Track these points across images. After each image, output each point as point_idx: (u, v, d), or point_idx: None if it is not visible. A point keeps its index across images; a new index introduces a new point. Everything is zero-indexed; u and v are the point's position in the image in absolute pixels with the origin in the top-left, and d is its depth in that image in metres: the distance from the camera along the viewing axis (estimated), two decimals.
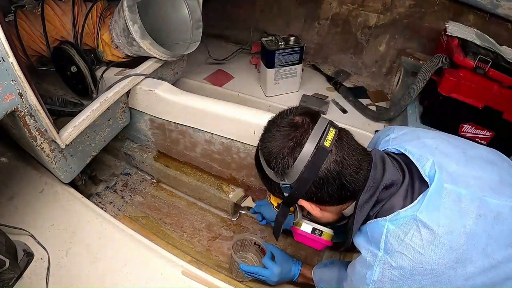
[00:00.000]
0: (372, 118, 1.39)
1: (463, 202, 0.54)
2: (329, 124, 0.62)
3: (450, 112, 1.11)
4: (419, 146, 0.64)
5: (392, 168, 0.62)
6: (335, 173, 0.59)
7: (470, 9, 1.32)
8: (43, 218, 0.99)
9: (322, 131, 0.60)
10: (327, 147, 0.58)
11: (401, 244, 0.54)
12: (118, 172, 1.41)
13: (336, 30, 1.66)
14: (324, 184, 0.60)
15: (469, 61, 1.01)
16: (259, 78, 1.56)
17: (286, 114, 0.64)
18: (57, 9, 1.17)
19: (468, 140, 0.72)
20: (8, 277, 0.82)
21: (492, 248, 0.53)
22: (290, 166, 0.59)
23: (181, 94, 1.14)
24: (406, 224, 0.55)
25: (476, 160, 0.63)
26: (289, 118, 0.63)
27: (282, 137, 0.61)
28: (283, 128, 0.62)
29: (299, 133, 0.60)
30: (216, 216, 1.28)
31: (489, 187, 0.57)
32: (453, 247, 0.52)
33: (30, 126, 0.83)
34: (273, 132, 0.63)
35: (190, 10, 1.24)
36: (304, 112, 0.64)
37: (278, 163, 0.61)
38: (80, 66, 1.16)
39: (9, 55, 0.70)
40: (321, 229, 0.75)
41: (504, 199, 0.56)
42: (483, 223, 0.53)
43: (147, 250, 0.92)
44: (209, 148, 1.18)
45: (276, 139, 0.61)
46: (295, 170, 0.59)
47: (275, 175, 0.62)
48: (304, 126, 0.60)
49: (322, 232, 0.75)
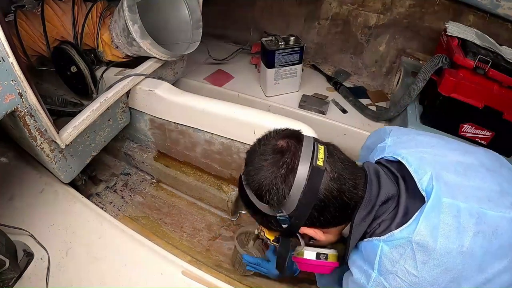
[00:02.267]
0: (372, 118, 1.39)
1: (462, 217, 0.52)
2: (315, 142, 0.59)
3: (450, 112, 1.11)
4: (417, 156, 0.61)
5: (388, 182, 0.60)
6: (335, 191, 0.56)
7: (470, 9, 1.32)
8: (43, 218, 0.99)
9: (312, 150, 0.57)
10: (321, 166, 0.55)
11: (395, 266, 0.53)
12: (118, 172, 1.41)
13: (336, 30, 1.66)
14: (325, 206, 0.57)
15: (469, 61, 1.01)
16: (259, 78, 1.56)
17: (267, 141, 0.60)
18: (57, 9, 1.17)
19: (466, 144, 0.70)
20: (8, 277, 0.82)
21: (488, 262, 0.52)
22: (286, 196, 0.55)
23: (181, 94, 1.14)
24: (401, 245, 0.53)
25: (475, 168, 0.60)
26: (272, 144, 0.58)
27: (271, 165, 0.56)
28: (269, 156, 0.57)
29: (288, 157, 0.56)
30: (216, 216, 1.28)
31: (488, 199, 0.55)
32: (449, 268, 0.51)
33: (30, 126, 0.83)
34: (259, 162, 0.57)
35: (190, 10, 1.24)
36: (285, 135, 0.60)
37: (273, 195, 0.56)
38: (80, 66, 1.16)
39: (9, 55, 0.70)
40: (325, 252, 0.70)
41: (503, 210, 0.55)
42: (480, 240, 0.52)
43: (147, 250, 0.92)
44: (209, 148, 1.18)
45: (264, 169, 0.56)
46: (292, 198, 0.55)
47: (270, 208, 0.58)
48: (291, 150, 0.57)
49: (327, 255, 0.70)
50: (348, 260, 0.64)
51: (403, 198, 0.57)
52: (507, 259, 0.52)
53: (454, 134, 1.12)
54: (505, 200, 0.56)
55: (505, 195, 0.57)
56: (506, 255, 0.52)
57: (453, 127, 1.12)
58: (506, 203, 0.56)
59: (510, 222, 0.53)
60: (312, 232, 0.61)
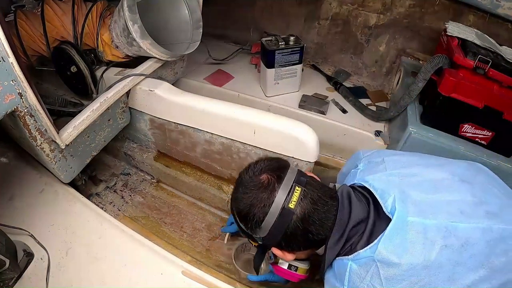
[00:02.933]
0: (372, 118, 1.39)
1: (428, 233, 0.55)
2: (294, 183, 0.64)
3: (450, 112, 1.11)
4: (384, 180, 0.66)
5: (358, 204, 0.65)
6: (300, 230, 0.64)
7: (470, 9, 1.32)
8: (43, 218, 0.99)
9: (288, 190, 0.63)
10: (292, 209, 0.62)
11: (363, 282, 0.57)
12: (118, 172, 1.41)
13: (336, 30, 1.66)
14: (292, 239, 0.65)
15: (469, 61, 1.01)
16: (259, 78, 1.56)
17: (253, 173, 0.67)
18: (57, 9, 1.17)
19: (444, 158, 0.74)
20: (8, 277, 0.82)
21: (460, 274, 0.53)
22: (259, 225, 0.64)
23: (181, 94, 1.14)
24: (366, 263, 0.58)
25: (448, 183, 0.64)
26: (256, 178, 0.66)
27: (251, 199, 0.65)
28: (250, 191, 0.65)
29: (266, 195, 0.63)
30: (216, 216, 1.28)
31: (460, 211, 0.58)
32: (414, 281, 0.53)
33: (30, 126, 0.83)
34: (242, 193, 0.66)
35: (190, 10, 1.24)
36: (271, 169, 0.67)
37: (248, 221, 0.65)
38: (80, 66, 1.16)
39: (9, 55, 0.70)
40: (296, 265, 0.81)
41: (476, 220, 0.56)
42: (448, 253, 0.54)
43: (147, 250, 0.92)
44: (209, 148, 1.18)
45: (245, 201, 0.65)
46: (263, 229, 0.64)
47: (247, 230, 0.68)
48: (269, 187, 0.64)
49: (297, 268, 0.82)
50: (324, 277, 0.70)
51: (371, 220, 0.62)
52: (483, 269, 0.53)
53: (454, 134, 1.12)
54: (479, 210, 0.58)
55: (479, 205, 0.59)
56: (482, 265, 0.53)
57: (453, 127, 1.12)
58: (480, 213, 0.58)
59: (484, 232, 0.55)
60: (281, 253, 0.70)
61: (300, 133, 0.99)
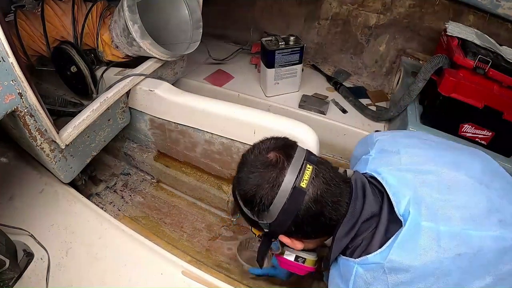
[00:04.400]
0: (372, 118, 1.39)
1: (442, 240, 0.52)
2: (305, 161, 0.59)
3: (450, 112, 1.11)
4: (398, 176, 0.60)
5: (372, 199, 0.60)
6: (312, 212, 0.58)
7: (470, 9, 1.33)
8: (43, 218, 0.99)
9: (299, 169, 0.58)
10: (303, 188, 0.57)
11: (368, 286, 0.54)
12: (118, 172, 1.41)
13: (336, 30, 1.66)
14: (303, 223, 0.59)
15: (469, 61, 1.01)
16: (259, 78, 1.56)
17: (259, 152, 0.61)
18: (57, 9, 1.17)
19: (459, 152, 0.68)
20: (8, 277, 0.82)
21: (467, 281, 0.52)
22: (267, 209, 0.58)
23: (181, 94, 1.14)
24: (373, 269, 0.54)
25: (463, 184, 0.59)
26: (263, 157, 0.60)
27: (257, 179, 0.59)
28: (257, 170, 0.59)
29: (275, 173, 0.58)
30: (216, 216, 1.28)
31: (472, 218, 0.55)
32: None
33: (30, 126, 0.83)
34: (248, 173, 0.60)
35: (190, 10, 1.24)
36: (278, 147, 0.61)
37: (254, 205, 0.59)
38: (80, 66, 1.16)
39: (9, 55, 0.70)
40: (304, 256, 0.74)
41: (488, 228, 0.54)
42: (460, 262, 0.52)
43: (147, 250, 0.92)
44: (209, 148, 1.18)
45: (251, 182, 0.59)
46: (272, 212, 0.58)
47: (252, 215, 0.61)
48: (278, 166, 0.58)
49: (305, 260, 0.74)
50: (329, 272, 0.66)
51: (384, 218, 0.58)
52: (490, 277, 0.51)
53: (454, 134, 1.12)
54: (493, 217, 0.55)
55: (493, 212, 0.56)
56: (489, 273, 0.52)
57: (453, 127, 1.12)
58: (493, 221, 0.55)
59: (495, 240, 0.53)
60: (289, 241, 0.64)
61: (300, 133, 0.99)
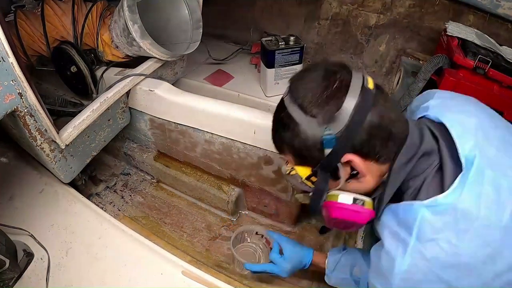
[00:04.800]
0: None
1: (502, 192, 0.49)
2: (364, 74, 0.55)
3: None
4: (462, 121, 0.56)
5: (430, 137, 0.56)
6: (385, 118, 0.53)
7: (470, 9, 1.33)
8: (43, 218, 0.99)
9: (362, 77, 0.54)
10: (371, 89, 0.53)
11: (436, 233, 0.49)
12: (118, 172, 1.41)
13: (336, 30, 1.66)
14: (375, 132, 0.53)
15: (469, 61, 1.01)
16: (259, 78, 1.56)
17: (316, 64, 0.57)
18: (57, 9, 1.17)
19: (508, 123, 0.64)
20: (8, 277, 0.82)
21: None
22: (337, 110, 0.51)
23: (181, 94, 1.14)
24: (444, 212, 0.49)
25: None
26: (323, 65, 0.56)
27: (322, 79, 0.53)
28: (321, 71, 0.54)
29: (340, 74, 0.53)
30: (216, 216, 1.28)
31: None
32: (488, 241, 0.48)
33: (30, 126, 0.83)
34: (309, 76, 0.55)
35: (190, 10, 1.24)
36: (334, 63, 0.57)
37: (322, 106, 0.52)
38: (80, 66, 1.16)
39: (9, 55, 0.70)
40: (362, 198, 0.60)
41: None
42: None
43: (147, 250, 0.92)
44: (209, 148, 1.18)
45: (315, 81, 0.53)
46: (343, 114, 0.51)
47: (317, 124, 0.53)
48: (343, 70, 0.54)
49: (364, 202, 0.60)
50: (378, 225, 0.59)
51: (446, 157, 0.53)
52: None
53: None
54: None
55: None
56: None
57: None
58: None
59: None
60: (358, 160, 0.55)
61: None
